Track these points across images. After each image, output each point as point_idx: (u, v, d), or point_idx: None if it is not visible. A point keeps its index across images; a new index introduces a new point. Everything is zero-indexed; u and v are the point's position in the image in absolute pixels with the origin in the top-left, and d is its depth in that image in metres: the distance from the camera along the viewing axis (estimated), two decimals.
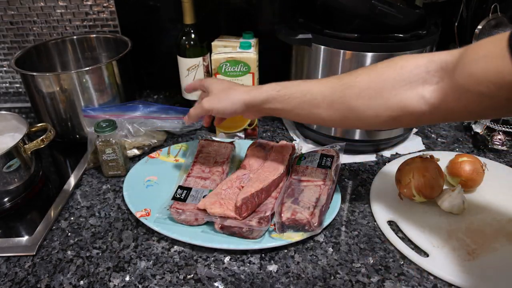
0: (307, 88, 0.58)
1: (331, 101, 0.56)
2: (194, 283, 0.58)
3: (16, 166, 0.70)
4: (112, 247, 0.64)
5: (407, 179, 0.67)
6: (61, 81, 0.82)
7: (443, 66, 0.49)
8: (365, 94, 0.53)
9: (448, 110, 0.50)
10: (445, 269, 0.58)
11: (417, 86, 0.51)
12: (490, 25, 0.88)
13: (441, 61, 0.49)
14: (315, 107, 0.57)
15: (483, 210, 0.68)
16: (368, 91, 0.53)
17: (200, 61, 0.89)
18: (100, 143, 0.75)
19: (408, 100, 0.51)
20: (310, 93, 0.57)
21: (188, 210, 0.65)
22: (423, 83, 0.50)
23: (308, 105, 0.58)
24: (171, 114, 0.88)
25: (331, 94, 0.56)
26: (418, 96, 0.51)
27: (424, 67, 0.50)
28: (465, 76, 0.45)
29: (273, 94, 0.60)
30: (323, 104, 0.56)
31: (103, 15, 1.03)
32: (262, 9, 1.01)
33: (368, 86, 0.53)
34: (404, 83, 0.51)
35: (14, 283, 0.59)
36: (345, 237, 0.65)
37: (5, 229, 0.69)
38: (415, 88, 0.51)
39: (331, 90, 0.56)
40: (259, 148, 0.78)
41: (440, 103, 0.50)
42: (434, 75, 0.50)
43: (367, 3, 0.67)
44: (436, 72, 0.49)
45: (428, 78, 0.50)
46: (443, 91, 0.49)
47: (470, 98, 0.46)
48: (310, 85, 0.58)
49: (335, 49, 0.75)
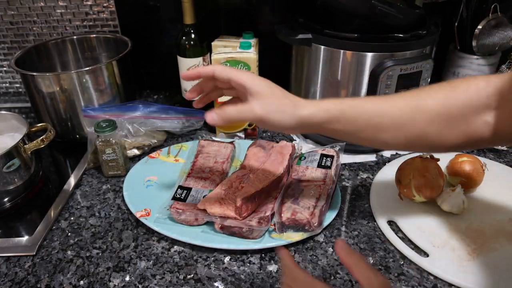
0: (374, 109, 0.52)
1: (400, 125, 0.51)
2: (194, 283, 0.58)
3: (16, 166, 0.70)
4: (112, 247, 0.64)
5: (407, 179, 0.67)
6: (61, 81, 0.82)
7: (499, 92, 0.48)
8: (436, 120, 0.50)
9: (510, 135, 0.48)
10: (445, 269, 0.58)
11: (481, 111, 0.49)
12: (490, 25, 0.88)
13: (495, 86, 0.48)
14: (381, 131, 0.52)
15: (483, 210, 0.68)
16: (439, 117, 0.50)
17: (200, 61, 0.89)
18: (100, 143, 0.75)
19: (475, 126, 0.50)
20: (378, 116, 0.51)
21: (188, 210, 0.65)
22: (485, 107, 0.49)
23: (374, 129, 0.52)
24: (171, 114, 0.88)
25: (399, 117, 0.51)
26: (483, 121, 0.49)
27: (484, 91, 0.49)
28: None
29: (336, 114, 0.52)
30: (391, 128, 0.51)
31: (103, 15, 1.03)
32: (262, 9, 1.01)
33: (438, 111, 0.50)
34: (470, 108, 0.49)
35: (14, 283, 0.59)
36: (345, 237, 0.65)
37: (5, 229, 0.69)
38: (479, 113, 0.49)
39: (399, 113, 0.51)
40: (259, 148, 0.78)
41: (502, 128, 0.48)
42: (493, 100, 0.48)
43: (367, 3, 0.67)
44: (494, 96, 0.48)
45: (488, 102, 0.48)
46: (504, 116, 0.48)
47: None
48: (377, 106, 0.52)
49: (335, 49, 0.75)
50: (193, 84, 0.93)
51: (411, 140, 0.52)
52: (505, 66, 0.90)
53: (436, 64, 0.81)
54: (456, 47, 0.95)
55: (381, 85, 0.74)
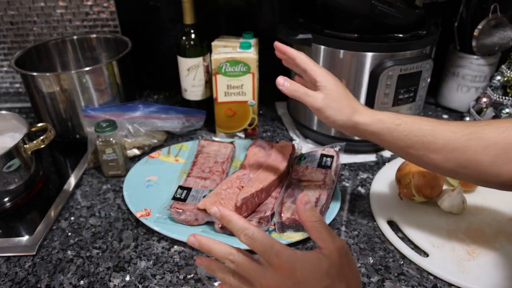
0: (428, 128, 0.52)
1: (453, 149, 0.51)
2: (194, 283, 0.58)
3: (16, 166, 0.70)
4: (112, 247, 0.64)
5: (407, 179, 0.67)
6: (61, 81, 0.82)
7: None
8: (491, 149, 0.49)
9: None
10: (445, 269, 0.58)
11: None
12: (490, 25, 0.88)
13: None
14: (433, 152, 0.52)
15: (483, 210, 0.68)
16: (495, 147, 0.49)
17: (200, 61, 0.89)
18: (100, 143, 0.75)
19: None
20: (432, 135, 0.52)
21: (188, 210, 0.65)
22: None
23: (425, 148, 0.52)
24: (171, 114, 0.88)
25: (454, 140, 0.51)
26: None
27: None
28: None
29: (390, 127, 0.54)
30: (443, 150, 0.51)
31: (103, 15, 1.03)
32: (262, 9, 1.01)
33: (496, 141, 0.49)
34: None
35: (14, 283, 0.59)
36: (345, 237, 0.65)
37: (5, 229, 0.69)
38: None
39: (454, 136, 0.51)
40: (259, 148, 0.78)
41: None
42: None
43: (367, 3, 0.67)
44: None
45: None
46: None
47: None
48: (432, 126, 0.52)
49: (335, 49, 0.75)
50: (193, 84, 0.94)
51: (462, 165, 0.51)
52: (505, 66, 0.90)
53: (436, 64, 0.81)
54: (456, 47, 0.95)
55: (381, 85, 0.74)
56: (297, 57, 0.60)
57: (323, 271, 0.39)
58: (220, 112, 0.87)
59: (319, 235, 0.41)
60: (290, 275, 0.39)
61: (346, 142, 0.78)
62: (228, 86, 0.84)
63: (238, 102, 0.85)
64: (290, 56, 0.61)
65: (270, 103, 1.05)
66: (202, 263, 0.46)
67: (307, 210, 0.42)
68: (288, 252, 0.40)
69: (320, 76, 0.58)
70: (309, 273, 0.39)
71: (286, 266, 0.40)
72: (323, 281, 0.39)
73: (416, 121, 0.54)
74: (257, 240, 0.41)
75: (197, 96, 0.94)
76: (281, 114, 1.01)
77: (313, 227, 0.41)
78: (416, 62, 0.74)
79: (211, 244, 0.43)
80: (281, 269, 0.40)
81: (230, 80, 0.83)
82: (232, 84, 0.84)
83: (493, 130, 0.49)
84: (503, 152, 0.48)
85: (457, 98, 0.98)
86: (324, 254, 0.40)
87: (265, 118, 1.00)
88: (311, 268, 0.39)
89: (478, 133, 0.50)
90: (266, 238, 0.41)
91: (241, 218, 0.43)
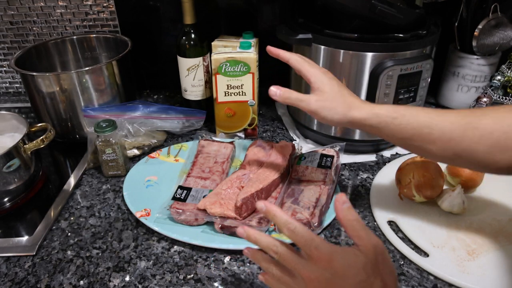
0: (426, 119, 0.53)
1: (448, 139, 0.52)
2: (194, 283, 0.58)
3: (16, 166, 0.70)
4: (112, 247, 0.64)
5: (407, 179, 0.67)
6: (61, 81, 0.82)
7: None
8: (487, 138, 0.49)
9: None
10: (445, 269, 0.58)
11: None
12: (490, 25, 0.88)
13: None
14: (429, 143, 0.53)
15: (483, 210, 0.68)
16: (491, 136, 0.49)
17: (200, 61, 0.89)
18: (100, 143, 0.75)
19: None
20: (429, 127, 0.53)
21: (188, 210, 0.65)
22: None
23: (422, 139, 0.53)
24: (171, 114, 0.88)
25: (450, 131, 0.51)
26: None
27: None
28: None
29: (387, 121, 0.55)
30: (439, 141, 0.52)
31: (103, 15, 1.03)
32: (262, 9, 1.01)
33: (491, 130, 0.49)
34: None
35: (14, 283, 0.59)
36: (345, 237, 0.65)
37: (5, 229, 0.69)
38: None
39: (451, 127, 0.52)
40: (259, 148, 0.78)
41: None
42: None
43: (367, 3, 0.67)
44: None
45: None
46: None
47: None
48: (429, 117, 0.53)
49: (335, 49, 0.75)
50: (193, 84, 0.94)
51: (458, 154, 0.52)
52: (505, 66, 0.90)
53: (436, 64, 0.81)
54: (456, 47, 0.95)
55: (381, 85, 0.74)
56: (290, 59, 0.61)
57: (360, 266, 0.41)
58: (220, 112, 0.87)
59: (356, 233, 0.42)
60: (328, 267, 0.41)
61: (346, 142, 0.77)
62: (228, 86, 0.84)
63: (238, 102, 0.85)
64: (284, 59, 0.62)
65: (270, 103, 1.05)
66: (249, 253, 0.49)
67: (345, 209, 0.43)
68: (327, 246, 0.43)
69: (314, 76, 0.59)
70: (346, 266, 0.41)
71: (324, 259, 0.42)
72: (359, 275, 0.40)
73: (413, 113, 0.54)
74: (299, 234, 0.43)
75: (197, 96, 0.94)
76: (281, 114, 1.01)
77: (350, 225, 0.43)
78: (416, 62, 0.74)
79: (257, 235, 0.46)
80: (320, 262, 0.42)
81: (230, 80, 0.83)
82: (232, 84, 0.84)
83: (489, 119, 0.50)
84: (498, 141, 0.49)
85: (457, 98, 0.98)
86: (360, 251, 0.42)
87: (265, 118, 1.00)
88: (348, 262, 0.41)
89: (474, 123, 0.50)
90: (307, 232, 0.43)
91: (284, 213, 0.45)
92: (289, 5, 1.00)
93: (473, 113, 0.52)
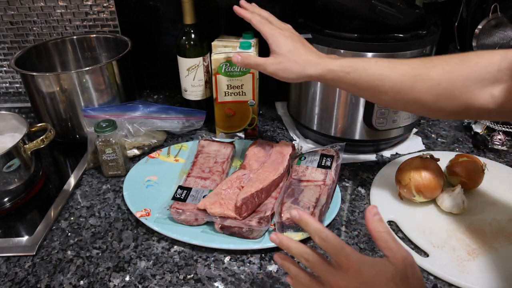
0: (377, 72, 0.56)
1: (399, 90, 0.54)
2: (194, 283, 0.58)
3: (16, 166, 0.70)
4: (112, 247, 0.64)
5: (407, 179, 0.67)
6: (61, 81, 0.82)
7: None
8: (435, 89, 0.52)
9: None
10: (445, 269, 0.58)
11: (488, 85, 0.49)
12: (490, 25, 0.88)
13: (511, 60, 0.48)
14: (381, 94, 0.56)
15: (483, 210, 0.68)
16: (439, 87, 0.52)
17: (200, 61, 0.89)
18: (100, 143, 0.75)
19: (477, 98, 0.50)
20: (380, 79, 0.55)
21: (188, 210, 0.65)
22: (494, 81, 0.49)
23: (375, 91, 0.57)
24: (171, 114, 0.88)
25: (400, 82, 0.54)
26: (488, 95, 0.50)
27: (497, 64, 0.49)
28: None
29: (341, 76, 0.58)
30: (391, 92, 0.55)
31: (103, 15, 1.03)
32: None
33: (439, 81, 0.52)
34: (476, 80, 0.50)
35: (14, 283, 0.59)
36: (345, 237, 0.65)
37: (5, 229, 0.69)
38: (486, 87, 0.50)
39: (401, 79, 0.54)
40: (259, 148, 0.78)
41: (507, 103, 0.49)
42: (505, 73, 0.48)
43: (367, 3, 0.67)
44: (507, 70, 0.48)
45: (499, 76, 0.49)
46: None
47: None
48: (381, 69, 0.56)
49: (335, 49, 0.75)
50: (193, 84, 0.94)
51: (409, 104, 0.55)
52: None
53: None
54: (456, 47, 0.95)
55: None
56: (252, 19, 0.65)
57: (389, 276, 0.41)
58: (220, 112, 0.87)
59: (386, 244, 0.43)
60: (358, 276, 0.41)
61: (346, 142, 0.77)
62: (228, 86, 0.84)
63: (238, 102, 0.85)
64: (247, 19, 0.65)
65: (270, 103, 1.05)
66: (279, 258, 0.49)
67: (376, 220, 0.44)
68: (357, 255, 0.43)
69: (271, 38, 0.62)
70: (375, 276, 0.41)
71: (354, 268, 0.42)
72: (387, 286, 0.41)
73: (366, 66, 0.57)
74: (330, 243, 0.44)
75: (197, 96, 0.94)
76: (281, 114, 1.01)
77: (380, 237, 0.43)
78: None
79: (289, 242, 0.47)
80: (349, 270, 0.42)
81: (230, 80, 0.83)
82: (232, 84, 0.84)
83: (438, 70, 0.52)
84: (445, 91, 0.51)
85: None
86: (390, 262, 0.42)
87: (265, 118, 1.00)
88: (377, 271, 0.42)
89: (423, 75, 0.53)
90: (338, 241, 0.44)
91: (316, 221, 0.46)
92: (289, 5, 1.00)
93: (424, 64, 0.54)
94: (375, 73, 0.56)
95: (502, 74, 0.49)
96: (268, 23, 0.64)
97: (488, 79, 0.49)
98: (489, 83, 0.49)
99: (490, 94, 0.50)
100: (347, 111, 0.79)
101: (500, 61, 0.49)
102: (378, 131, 0.80)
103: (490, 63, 0.49)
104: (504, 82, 0.49)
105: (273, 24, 0.65)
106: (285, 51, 0.61)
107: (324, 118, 0.83)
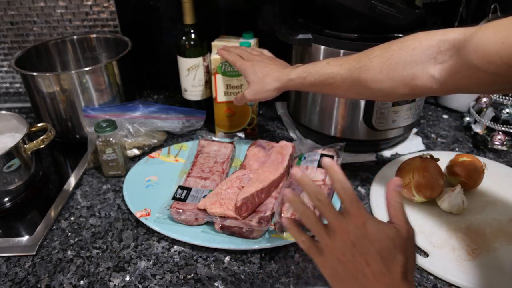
0: (328, 72, 0.61)
1: (349, 83, 0.60)
2: (194, 283, 0.58)
3: (16, 166, 0.70)
4: (112, 247, 0.64)
5: (407, 179, 0.67)
6: (61, 81, 0.82)
7: (455, 45, 0.49)
8: (378, 76, 0.56)
9: (457, 86, 0.51)
10: (445, 269, 0.58)
11: (428, 66, 0.51)
12: None
13: (454, 40, 0.49)
14: (336, 89, 0.62)
15: (483, 210, 0.68)
16: (381, 74, 0.55)
17: (200, 61, 0.89)
18: (100, 143, 0.75)
19: (418, 80, 0.53)
20: (331, 77, 0.61)
21: (188, 210, 0.65)
22: (434, 63, 0.51)
23: (330, 87, 0.63)
24: (171, 114, 0.88)
25: (348, 76, 0.59)
26: (428, 75, 0.52)
27: (436, 47, 0.51)
28: (478, 56, 0.45)
29: (300, 81, 0.65)
30: (343, 85, 0.61)
31: (103, 15, 1.04)
32: (262, 9, 1.01)
33: (380, 69, 0.55)
34: (415, 64, 0.52)
35: (14, 283, 0.59)
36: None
37: (5, 229, 0.69)
38: (425, 68, 0.52)
39: (349, 73, 0.59)
40: (259, 148, 0.78)
41: (450, 81, 0.50)
42: (445, 54, 0.50)
43: (367, 3, 0.67)
44: (448, 50, 0.50)
45: (439, 57, 0.51)
46: (453, 69, 0.49)
47: (482, 76, 0.46)
48: (330, 69, 0.61)
49: (335, 49, 0.75)
50: (193, 84, 0.94)
51: (359, 92, 0.60)
52: None
53: None
54: None
55: None
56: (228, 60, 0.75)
57: (390, 236, 0.43)
58: (220, 112, 0.87)
59: (396, 213, 0.46)
60: (362, 227, 0.44)
61: (346, 142, 0.77)
62: (228, 86, 0.84)
63: None
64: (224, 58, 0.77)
65: (270, 103, 1.05)
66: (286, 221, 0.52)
67: (395, 191, 0.46)
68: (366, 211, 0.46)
69: (243, 72, 0.72)
70: (377, 232, 0.44)
71: (362, 219, 0.44)
72: (386, 243, 0.43)
73: (318, 69, 0.63)
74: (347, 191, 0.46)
75: (197, 96, 0.94)
76: (281, 114, 1.01)
77: (393, 205, 0.46)
78: None
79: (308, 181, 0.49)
80: (356, 220, 0.44)
81: (230, 80, 0.83)
82: (232, 84, 0.84)
83: (379, 59, 0.56)
84: (387, 76, 0.55)
85: (457, 98, 0.98)
86: (394, 226, 0.45)
87: (265, 118, 1.00)
88: (380, 229, 0.44)
89: (366, 66, 0.57)
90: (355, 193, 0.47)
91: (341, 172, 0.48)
92: (289, 5, 1.00)
93: (367, 56, 0.58)
94: (326, 72, 0.61)
95: (442, 55, 0.50)
96: (240, 59, 0.73)
97: (428, 61, 0.51)
98: (428, 65, 0.52)
99: (430, 75, 0.52)
100: (347, 111, 0.79)
101: (439, 43, 0.51)
102: (378, 131, 0.80)
103: (429, 47, 0.51)
104: (444, 62, 0.51)
105: (243, 58, 0.73)
106: (254, 78, 0.70)
107: (324, 118, 0.83)
